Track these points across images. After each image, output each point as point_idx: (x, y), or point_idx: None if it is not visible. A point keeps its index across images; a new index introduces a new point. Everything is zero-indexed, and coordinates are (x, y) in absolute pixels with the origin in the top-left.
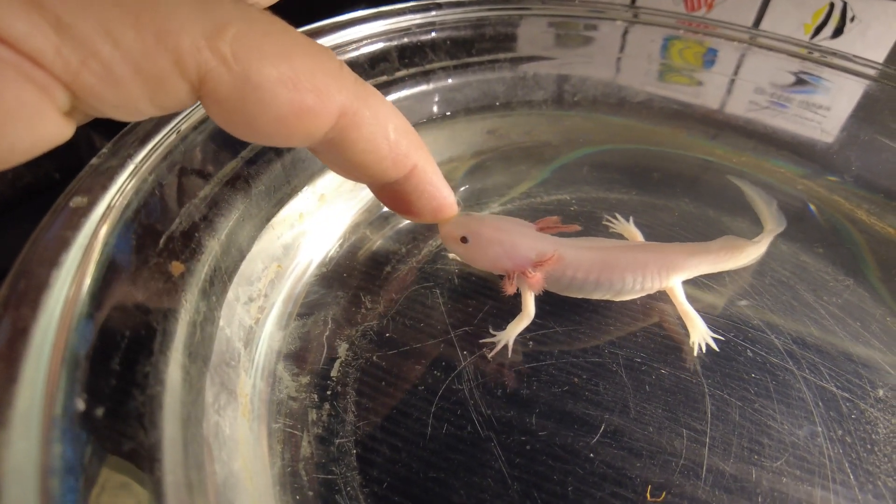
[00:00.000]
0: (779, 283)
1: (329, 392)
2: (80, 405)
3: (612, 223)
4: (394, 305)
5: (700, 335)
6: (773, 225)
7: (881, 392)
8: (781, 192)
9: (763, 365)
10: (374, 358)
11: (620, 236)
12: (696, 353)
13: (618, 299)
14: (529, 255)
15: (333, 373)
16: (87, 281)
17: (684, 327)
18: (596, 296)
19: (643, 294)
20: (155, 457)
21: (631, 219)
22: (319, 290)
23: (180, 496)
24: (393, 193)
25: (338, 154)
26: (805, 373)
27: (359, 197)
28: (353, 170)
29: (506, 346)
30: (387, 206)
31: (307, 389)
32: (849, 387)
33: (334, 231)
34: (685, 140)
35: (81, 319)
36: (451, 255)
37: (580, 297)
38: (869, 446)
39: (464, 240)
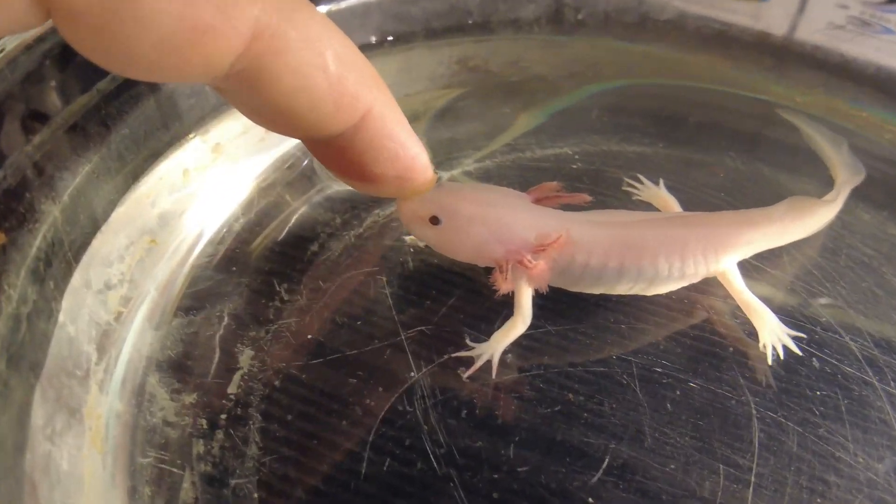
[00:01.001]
0: (857, 265)
1: (224, 416)
2: None
3: (636, 188)
4: (321, 297)
5: (773, 334)
6: (847, 175)
7: None
8: (863, 142)
9: (833, 377)
10: (291, 369)
11: (649, 206)
12: (770, 361)
13: (649, 293)
14: (527, 236)
15: (231, 389)
16: None
17: (730, 327)
18: (619, 289)
19: (683, 284)
20: None
21: (661, 182)
22: (213, 275)
23: None
24: (337, 152)
25: (253, 94)
26: (890, 387)
27: (273, 146)
28: (276, 117)
29: (489, 364)
30: (330, 172)
31: (192, 412)
32: None
33: (236, 194)
34: (731, 74)
35: None
36: (411, 240)
37: (597, 292)
38: None
39: (434, 220)
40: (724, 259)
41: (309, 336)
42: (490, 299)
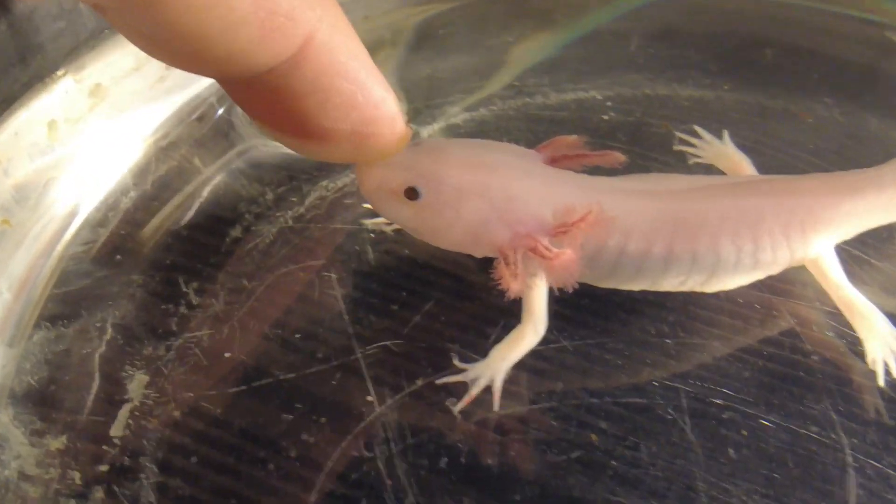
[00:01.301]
0: None
1: (105, 468)
2: None
3: (693, 146)
4: (245, 301)
5: (885, 345)
6: None
7: None
8: None
9: None
10: (201, 401)
11: (710, 170)
12: (881, 382)
13: (708, 289)
14: (542, 213)
15: (116, 430)
16: None
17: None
18: (667, 285)
19: (756, 277)
20: None
21: (726, 135)
22: (92, 270)
23: None
24: (267, 97)
25: (146, 12)
26: None
27: (177, 89)
28: (177, 44)
29: (489, 391)
30: (258, 126)
31: (60, 462)
32: None
33: (124, 157)
34: None
35: None
36: (374, 224)
37: (636, 289)
38: None
39: (411, 194)
40: (816, 240)
41: (227, 354)
42: (484, 303)
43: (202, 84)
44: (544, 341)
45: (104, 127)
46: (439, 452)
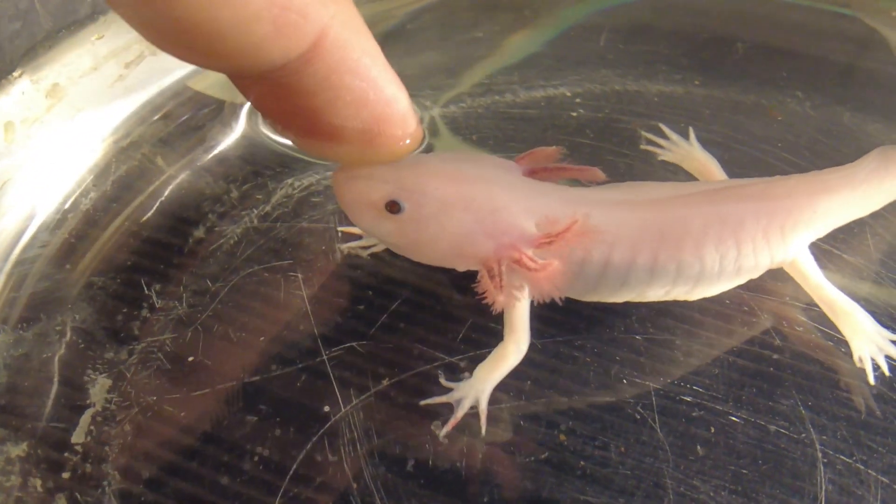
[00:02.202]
0: None
1: (67, 474)
2: None
3: (661, 145)
4: (208, 304)
5: (870, 342)
6: None
7: None
8: None
9: None
10: (164, 405)
11: (680, 174)
12: (871, 380)
13: (692, 297)
14: (525, 224)
15: (77, 436)
16: None
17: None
18: (652, 296)
19: (738, 283)
20: None
21: (692, 134)
22: (51, 272)
23: None
24: (278, 93)
25: (158, 5)
26: None
27: (137, 88)
28: (189, 38)
29: (475, 413)
30: (268, 122)
31: (20, 469)
32: None
33: (83, 157)
34: None
35: None
36: (351, 248)
37: (620, 301)
38: None
39: (393, 207)
40: (795, 242)
41: (191, 358)
42: (450, 302)
43: (163, 83)
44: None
45: (62, 127)
46: (406, 454)
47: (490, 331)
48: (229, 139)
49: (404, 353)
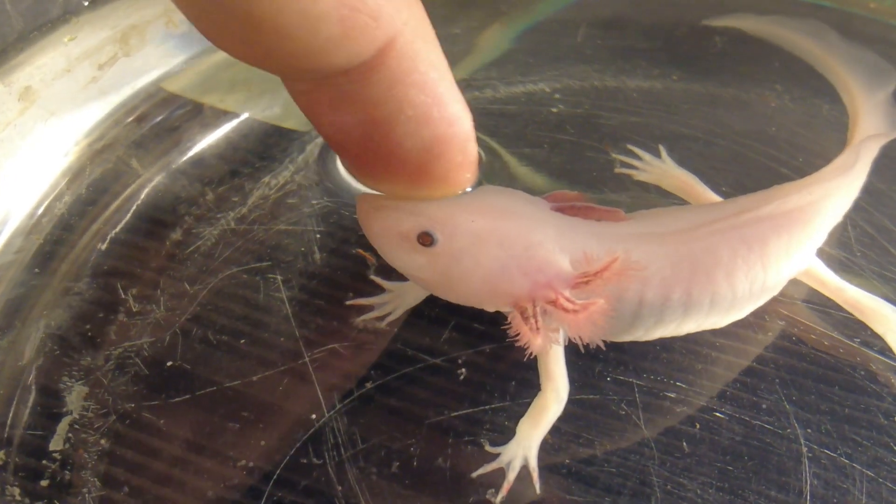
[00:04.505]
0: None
1: (46, 482)
2: None
3: (635, 166)
4: (187, 307)
5: None
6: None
7: None
8: None
9: None
10: (143, 412)
11: (661, 195)
12: None
13: (721, 325)
14: (560, 262)
15: (55, 444)
16: None
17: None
18: (685, 329)
19: (765, 300)
20: None
21: (663, 151)
22: (25, 278)
23: None
24: (336, 101)
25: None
26: None
27: (111, 90)
28: (250, 35)
29: (527, 470)
30: (322, 136)
31: (0, 477)
32: None
33: (56, 160)
34: None
35: None
36: (363, 321)
37: (653, 338)
38: None
39: (426, 239)
40: (811, 250)
41: (169, 363)
42: (433, 303)
43: (137, 84)
44: (495, 338)
45: (35, 131)
46: (390, 457)
47: (473, 331)
48: (205, 141)
49: (387, 355)
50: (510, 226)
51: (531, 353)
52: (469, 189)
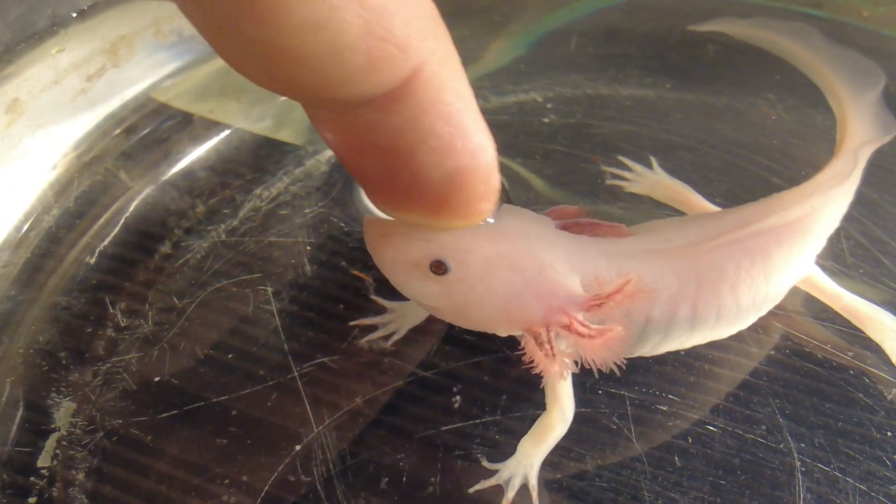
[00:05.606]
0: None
1: (34, 500)
2: None
3: (626, 178)
4: (175, 321)
5: None
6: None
7: None
8: None
9: None
10: (131, 428)
11: (653, 206)
12: None
13: (724, 336)
14: (571, 284)
15: (43, 461)
16: None
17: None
18: (690, 343)
19: (763, 313)
20: None
21: (654, 162)
22: (13, 293)
23: None
24: (357, 130)
25: (246, 28)
26: None
27: (99, 102)
28: (273, 64)
29: (527, 489)
30: (343, 163)
31: None
32: None
33: (43, 173)
34: None
35: None
36: (367, 342)
37: (659, 353)
38: None
39: (439, 268)
40: (811, 259)
41: (157, 378)
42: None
43: (126, 95)
44: (486, 351)
45: (23, 143)
46: (380, 472)
47: (464, 343)
48: (195, 153)
49: (377, 368)
50: (520, 248)
51: (548, 381)
52: (490, 220)
